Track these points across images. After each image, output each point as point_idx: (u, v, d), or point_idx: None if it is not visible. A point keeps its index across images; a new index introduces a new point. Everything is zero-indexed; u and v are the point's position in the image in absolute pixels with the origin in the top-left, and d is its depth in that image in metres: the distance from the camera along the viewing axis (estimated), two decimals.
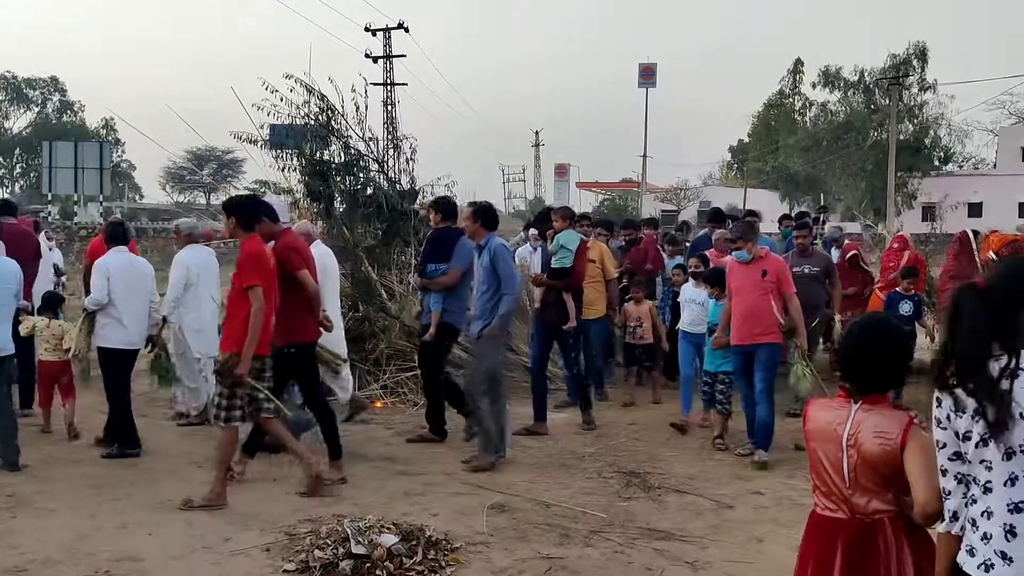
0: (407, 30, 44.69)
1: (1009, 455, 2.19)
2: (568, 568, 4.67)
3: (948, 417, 2.32)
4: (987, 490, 2.25)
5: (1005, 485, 2.21)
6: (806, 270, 8.43)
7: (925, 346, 10.11)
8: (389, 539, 4.67)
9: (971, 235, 9.33)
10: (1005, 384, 2.18)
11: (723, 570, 4.70)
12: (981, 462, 2.25)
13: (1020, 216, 42.90)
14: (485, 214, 6.93)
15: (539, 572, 4.61)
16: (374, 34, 44.65)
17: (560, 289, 7.87)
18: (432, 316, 7.28)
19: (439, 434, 7.40)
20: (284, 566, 4.62)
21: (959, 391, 2.27)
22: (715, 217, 10.62)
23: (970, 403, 2.25)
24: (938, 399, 2.36)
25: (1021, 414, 2.16)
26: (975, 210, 48.93)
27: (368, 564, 4.51)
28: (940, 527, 2.40)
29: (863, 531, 2.73)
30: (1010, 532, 2.20)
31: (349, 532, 4.71)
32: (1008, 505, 2.21)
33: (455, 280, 7.21)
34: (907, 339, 2.88)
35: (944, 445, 2.35)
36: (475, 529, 5.22)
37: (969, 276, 7.20)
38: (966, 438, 2.28)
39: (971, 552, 2.28)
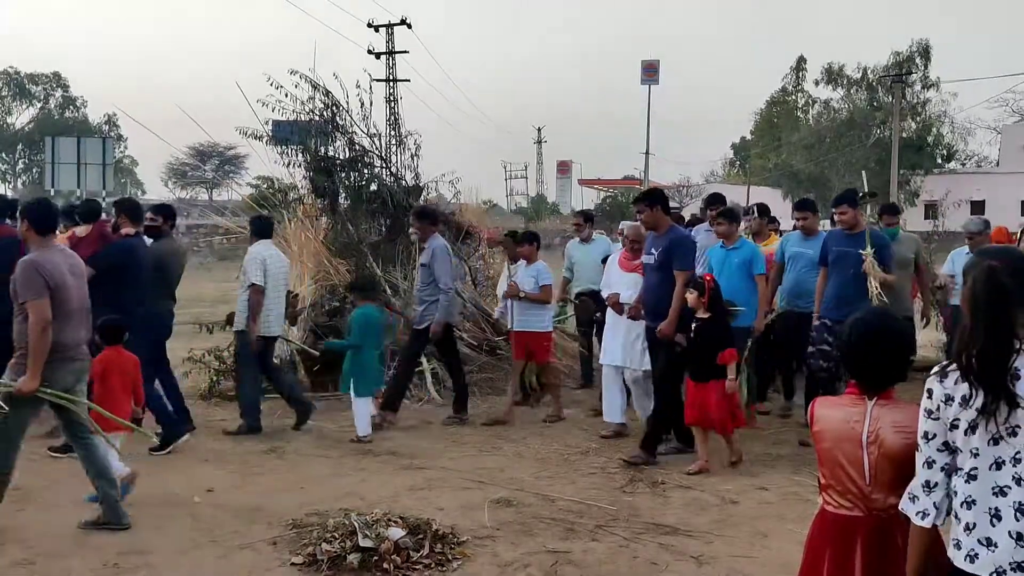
0: (409, 26, 44.78)
1: (995, 440, 2.23)
2: (574, 562, 4.69)
3: (939, 407, 2.34)
4: (971, 478, 2.28)
5: (990, 469, 2.24)
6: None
7: (930, 343, 10.18)
8: (396, 532, 4.69)
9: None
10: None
11: (728, 565, 4.71)
12: (970, 450, 2.27)
13: (1023, 214, 42.78)
14: None
15: (545, 566, 4.63)
16: (377, 30, 44.78)
17: None
18: None
19: None
20: (291, 559, 4.64)
21: (953, 375, 2.29)
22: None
23: (959, 390, 2.27)
24: (929, 390, 2.37)
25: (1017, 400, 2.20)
26: (978, 208, 48.73)
27: (375, 557, 4.52)
28: (921, 521, 2.40)
29: (881, 527, 2.71)
30: (995, 516, 2.23)
31: (356, 526, 4.72)
32: (993, 489, 2.24)
33: None
34: (908, 332, 2.86)
35: (934, 436, 2.37)
36: (481, 523, 5.24)
37: None
38: (953, 427, 2.31)
39: (957, 545, 2.30)
